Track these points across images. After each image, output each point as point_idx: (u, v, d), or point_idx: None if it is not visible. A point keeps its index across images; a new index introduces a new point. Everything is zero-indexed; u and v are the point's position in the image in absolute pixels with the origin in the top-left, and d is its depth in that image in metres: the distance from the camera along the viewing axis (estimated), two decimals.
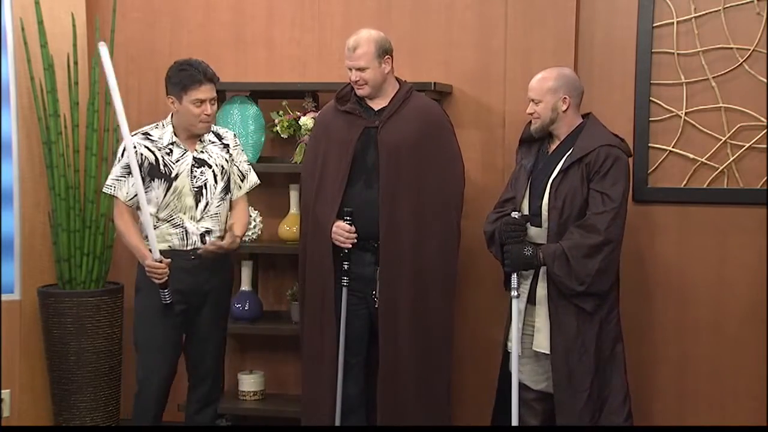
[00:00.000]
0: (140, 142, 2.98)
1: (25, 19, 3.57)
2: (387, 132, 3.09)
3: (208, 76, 2.98)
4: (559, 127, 2.96)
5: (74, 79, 3.65)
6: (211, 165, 3.05)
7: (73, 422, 3.61)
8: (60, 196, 3.61)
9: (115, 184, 2.98)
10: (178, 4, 3.84)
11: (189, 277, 2.97)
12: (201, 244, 3.00)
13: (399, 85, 3.17)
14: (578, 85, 2.98)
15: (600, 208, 2.82)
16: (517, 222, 2.88)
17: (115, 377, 3.70)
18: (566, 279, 2.80)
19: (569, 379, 2.85)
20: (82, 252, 3.66)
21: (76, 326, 3.59)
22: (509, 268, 2.88)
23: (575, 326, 2.84)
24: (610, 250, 2.82)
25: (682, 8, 3.40)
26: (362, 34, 3.09)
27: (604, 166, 2.84)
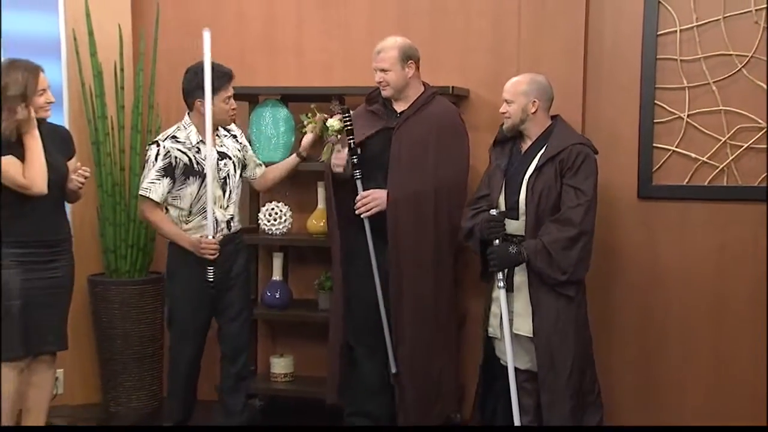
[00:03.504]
0: (172, 145, 3.16)
1: (77, 30, 3.79)
2: (402, 133, 3.24)
3: (230, 77, 3.19)
4: (530, 127, 3.06)
5: (120, 85, 3.84)
6: (231, 156, 3.26)
7: (120, 400, 3.83)
8: (107, 192, 3.81)
9: (151, 187, 3.15)
10: (215, 15, 3.96)
11: (220, 260, 3.15)
12: (228, 230, 3.22)
13: (424, 89, 3.29)
14: (548, 91, 3.08)
15: (574, 202, 2.91)
16: (496, 218, 2.97)
17: (157, 359, 3.90)
18: (549, 271, 2.90)
19: (552, 359, 2.96)
20: (126, 244, 3.85)
21: (122, 312, 3.80)
22: (496, 267, 2.95)
23: (555, 311, 2.96)
24: (586, 241, 2.94)
25: (684, 17, 3.46)
26: (389, 39, 3.27)
27: (575, 162, 2.95)
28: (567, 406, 2.97)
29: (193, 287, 3.18)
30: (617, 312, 3.58)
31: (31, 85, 2.95)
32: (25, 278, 2.99)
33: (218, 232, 3.19)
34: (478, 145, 3.63)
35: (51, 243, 3.06)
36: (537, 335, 2.97)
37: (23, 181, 2.92)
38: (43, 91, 3.01)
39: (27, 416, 3.16)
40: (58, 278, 3.08)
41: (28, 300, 3.00)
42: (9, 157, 2.93)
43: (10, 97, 2.91)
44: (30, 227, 3.01)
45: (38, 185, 2.93)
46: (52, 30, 3.86)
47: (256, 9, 3.95)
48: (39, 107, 2.99)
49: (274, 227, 3.75)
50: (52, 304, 3.07)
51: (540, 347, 2.98)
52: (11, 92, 2.91)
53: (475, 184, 3.65)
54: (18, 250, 2.98)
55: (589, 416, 3.06)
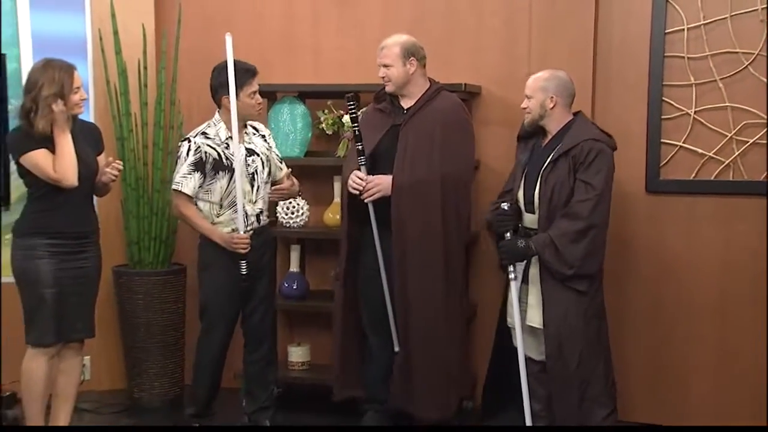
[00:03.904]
0: (203, 141, 3.26)
1: (103, 30, 3.89)
2: (408, 128, 3.28)
3: (254, 72, 3.29)
4: (549, 123, 3.09)
5: (144, 82, 3.93)
6: (258, 153, 3.35)
7: (143, 387, 3.93)
8: (131, 186, 3.90)
9: (182, 181, 3.24)
10: (234, 14, 4.04)
11: (250, 253, 3.24)
12: (257, 223, 3.31)
13: (429, 85, 3.34)
14: (568, 87, 3.09)
15: (583, 196, 2.94)
16: (506, 212, 3.05)
17: (179, 348, 4.00)
18: (557, 265, 2.94)
19: (560, 350, 3.00)
20: (149, 236, 3.93)
21: (145, 302, 3.88)
22: (506, 261, 3.03)
23: (565, 304, 2.99)
24: (595, 235, 2.95)
25: (692, 16, 3.52)
26: (393, 36, 3.31)
27: (588, 157, 2.97)
28: (574, 397, 3.01)
29: (224, 280, 3.28)
30: (624, 303, 3.64)
31: (66, 84, 3.03)
32: (57, 268, 3.09)
33: (249, 225, 3.27)
34: (489, 141, 3.74)
35: (80, 235, 3.16)
36: (547, 326, 3.01)
37: (54, 174, 3.02)
38: (77, 89, 3.08)
39: (56, 401, 3.27)
40: (86, 268, 3.18)
41: (61, 290, 3.10)
42: (42, 150, 3.02)
43: (47, 95, 2.99)
44: (61, 219, 3.09)
45: (69, 178, 3.02)
46: (79, 30, 3.98)
47: (274, 8, 4.04)
48: (73, 104, 3.08)
49: (292, 220, 3.86)
50: (80, 294, 3.17)
51: (549, 338, 3.02)
52: (48, 90, 2.99)
53: (483, 178, 3.78)
54: (50, 240, 3.08)
55: (598, 408, 3.06)
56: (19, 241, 3.12)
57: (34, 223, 3.11)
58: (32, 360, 3.13)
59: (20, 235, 3.12)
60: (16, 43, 3.88)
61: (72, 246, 3.13)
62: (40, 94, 2.99)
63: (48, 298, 3.08)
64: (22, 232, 3.12)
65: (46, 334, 3.10)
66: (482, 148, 3.78)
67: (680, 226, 3.61)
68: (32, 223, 3.11)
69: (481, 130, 3.76)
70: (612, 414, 3.09)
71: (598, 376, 3.06)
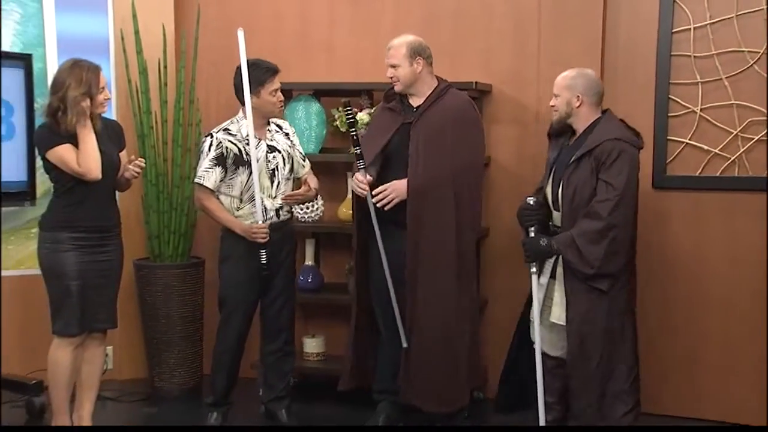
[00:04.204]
0: (224, 137, 3.36)
1: (125, 30, 3.99)
2: (419, 126, 3.31)
3: (275, 71, 3.38)
4: (576, 121, 3.09)
5: (164, 81, 4.01)
6: (280, 150, 3.43)
7: (163, 376, 4.02)
8: (151, 182, 3.98)
9: (204, 175, 3.34)
10: (251, 15, 4.11)
11: (269, 245, 3.32)
12: (276, 218, 3.40)
13: (437, 84, 3.37)
14: (595, 86, 3.07)
15: (603, 196, 2.93)
16: (532, 207, 3.07)
17: (197, 338, 4.09)
18: (578, 264, 2.94)
19: (581, 348, 3.00)
20: (169, 230, 4.01)
21: (165, 294, 3.96)
22: (530, 259, 3.04)
23: (587, 302, 2.99)
24: (615, 235, 2.92)
25: (698, 15, 3.56)
26: (399, 37, 3.34)
27: (609, 157, 2.95)
28: (594, 393, 3.01)
29: (243, 272, 3.38)
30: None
31: (93, 83, 3.10)
32: (81, 261, 3.16)
33: (268, 219, 3.36)
34: (500, 138, 3.80)
35: (103, 229, 3.23)
36: (569, 323, 3.01)
37: (78, 168, 3.08)
38: (102, 89, 3.16)
39: (80, 389, 3.35)
40: (109, 261, 3.25)
41: (85, 282, 3.18)
42: (67, 145, 3.08)
43: (75, 95, 3.06)
44: (85, 214, 3.17)
45: (93, 171, 3.08)
46: (102, 31, 4.09)
47: (290, 9, 4.13)
48: (98, 104, 3.16)
49: (307, 215, 3.95)
50: (103, 286, 3.25)
51: (571, 335, 3.02)
52: (76, 90, 3.06)
53: (493, 176, 3.83)
54: (74, 234, 3.15)
55: (620, 405, 3.03)
56: (46, 234, 3.20)
57: (59, 217, 3.18)
58: (58, 349, 3.22)
59: (46, 229, 3.21)
60: (41, 44, 4.00)
61: (95, 240, 3.20)
62: (67, 93, 3.07)
63: (73, 289, 3.16)
64: (48, 226, 3.20)
65: (71, 325, 3.19)
66: (492, 146, 3.84)
67: (686, 221, 3.66)
68: (58, 218, 3.19)
69: (491, 128, 3.83)
70: (633, 410, 3.05)
71: (621, 373, 3.04)
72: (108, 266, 3.25)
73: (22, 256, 4.05)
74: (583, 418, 3.04)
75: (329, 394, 3.84)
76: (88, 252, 3.18)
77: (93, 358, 3.33)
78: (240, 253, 3.38)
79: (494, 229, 3.89)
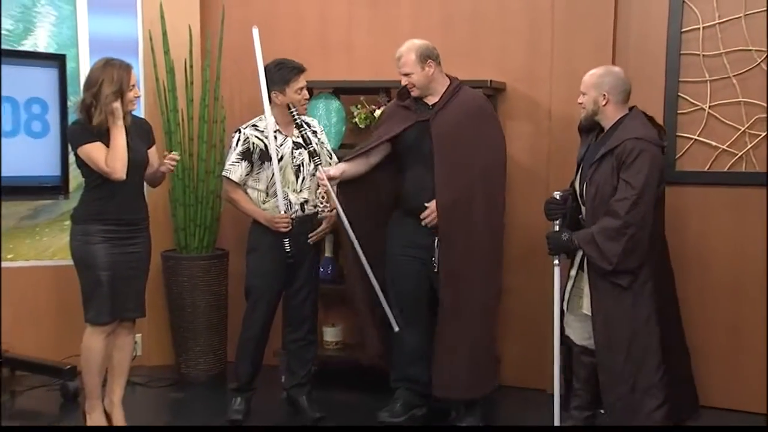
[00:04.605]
0: (252, 132, 3.48)
1: (153, 31, 4.12)
2: (438, 122, 3.36)
3: (301, 69, 3.45)
4: (603, 118, 3.10)
5: (190, 80, 4.13)
6: (306, 147, 3.51)
7: (190, 363, 4.16)
8: (177, 176, 4.08)
9: (231, 168, 3.47)
10: (274, 16, 4.23)
11: (293, 238, 3.43)
12: (301, 212, 3.51)
13: (450, 82, 3.43)
14: (621, 85, 3.07)
15: (622, 194, 2.94)
16: (557, 201, 3.13)
17: (222, 327, 4.22)
18: (597, 260, 2.97)
19: (608, 343, 3.01)
20: (195, 223, 4.13)
21: (191, 284, 4.09)
22: (552, 252, 3.11)
23: (612, 297, 3.00)
24: (633, 233, 2.93)
25: (707, 15, 3.62)
26: (405, 45, 3.37)
27: (630, 156, 2.96)
28: (624, 388, 3.01)
29: (268, 262, 3.50)
30: None
31: (125, 82, 3.18)
32: (111, 252, 3.25)
33: (293, 213, 3.48)
34: (514, 134, 3.87)
35: (132, 222, 3.31)
36: (594, 318, 3.04)
37: (105, 167, 3.15)
38: (133, 86, 3.22)
39: (112, 375, 3.42)
40: (138, 253, 3.33)
41: (115, 272, 3.26)
42: (97, 144, 3.17)
43: (107, 94, 3.14)
44: (114, 208, 3.25)
45: (118, 171, 3.16)
46: (132, 31, 4.24)
47: (311, 10, 4.24)
48: (129, 101, 3.22)
49: (326, 209, 4.03)
50: (132, 277, 3.32)
51: (597, 330, 3.03)
52: (108, 88, 3.14)
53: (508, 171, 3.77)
54: (104, 227, 3.24)
55: (649, 399, 3.01)
56: (77, 227, 3.28)
57: (90, 211, 3.26)
58: (90, 337, 3.31)
59: (78, 222, 3.29)
60: (74, 44, 4.16)
61: (124, 232, 3.28)
62: (100, 90, 3.15)
63: (103, 280, 3.23)
64: (80, 220, 3.28)
65: (102, 314, 3.27)
66: (507, 142, 3.81)
67: (695, 215, 3.72)
68: (88, 211, 3.27)
69: (505, 124, 3.89)
70: (664, 404, 3.02)
71: (650, 367, 3.02)
72: (137, 258, 3.33)
73: (56, 247, 4.22)
74: (613, 412, 3.06)
75: (348, 381, 3.97)
76: (117, 244, 3.27)
77: (123, 346, 3.42)
78: (266, 244, 3.50)
79: (508, 224, 3.86)
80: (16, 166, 3.86)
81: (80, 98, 3.25)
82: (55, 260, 4.21)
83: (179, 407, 3.89)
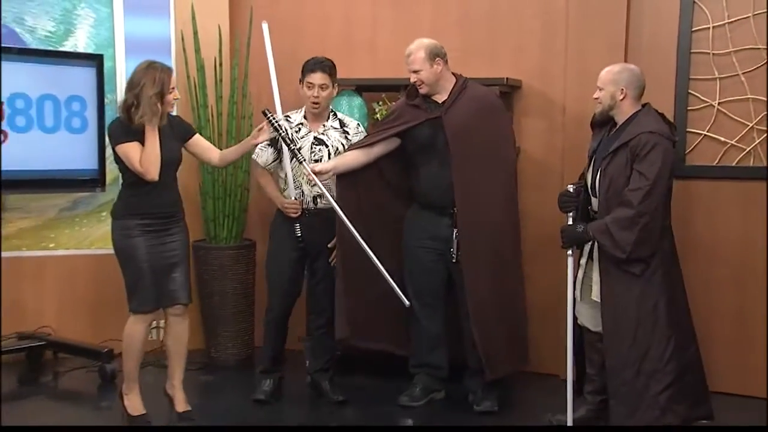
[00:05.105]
0: (281, 123, 3.60)
1: (185, 31, 4.28)
2: (451, 118, 3.45)
3: (319, 66, 3.55)
4: (618, 114, 3.18)
5: (219, 77, 4.25)
6: (328, 145, 3.62)
7: (219, 347, 4.32)
8: (207, 170, 4.21)
9: (259, 152, 3.65)
10: (300, 16, 4.36)
11: (306, 228, 3.61)
12: (313, 205, 3.63)
13: (456, 79, 3.51)
14: (637, 81, 3.15)
15: (636, 185, 3.03)
16: (570, 194, 3.23)
17: (249, 314, 4.37)
18: (611, 249, 3.05)
19: (616, 328, 3.10)
20: (224, 215, 4.25)
21: (220, 273, 4.22)
22: (566, 244, 3.18)
23: (621, 284, 3.09)
24: (645, 222, 3.01)
25: (717, 15, 3.70)
26: (414, 43, 3.46)
27: (644, 149, 3.04)
28: (630, 372, 3.08)
29: (284, 246, 3.67)
30: None
31: (166, 84, 3.29)
32: (150, 244, 3.36)
33: (306, 204, 3.63)
34: (529, 130, 3.98)
35: (168, 215, 3.42)
36: (603, 304, 3.12)
37: (139, 167, 3.26)
38: (173, 89, 3.33)
39: (171, 360, 3.55)
40: (175, 242, 3.43)
41: (155, 263, 3.36)
42: (134, 144, 3.27)
43: (150, 95, 3.24)
44: (150, 202, 3.35)
45: (151, 173, 3.27)
46: (164, 32, 4.40)
47: (336, 11, 4.37)
48: (168, 102, 3.33)
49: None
50: (174, 265, 3.42)
51: (606, 316, 3.11)
52: (150, 90, 3.24)
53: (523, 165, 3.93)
54: (142, 221, 3.35)
55: (654, 384, 3.08)
56: (117, 222, 3.39)
57: (128, 206, 3.37)
58: (134, 325, 3.42)
59: (117, 217, 3.40)
60: (111, 45, 4.34)
61: (161, 225, 3.38)
62: (142, 92, 3.24)
63: (145, 271, 3.33)
64: (119, 215, 3.40)
65: (145, 303, 3.37)
66: (521, 137, 4.04)
67: (704, 208, 3.80)
68: (126, 206, 3.38)
69: (520, 121, 4.04)
70: (669, 388, 3.08)
71: (655, 353, 3.08)
72: (175, 248, 3.43)
73: (94, 237, 4.42)
74: (619, 395, 3.14)
75: (369, 367, 4.09)
76: (155, 236, 3.37)
77: (178, 334, 3.52)
78: (283, 232, 3.67)
79: (523, 215, 3.98)
80: (56, 160, 4.07)
81: (123, 98, 3.34)
82: (92, 249, 4.41)
83: (209, 389, 4.05)
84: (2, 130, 3.98)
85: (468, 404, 3.68)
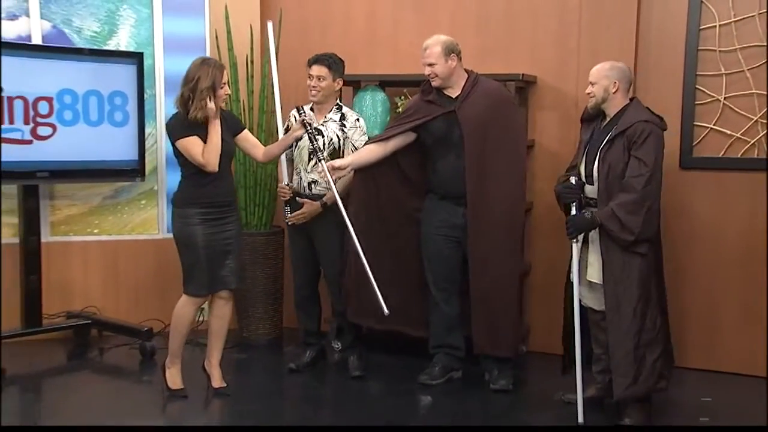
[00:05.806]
0: (295, 113, 3.78)
1: (218, 30, 4.49)
2: (465, 112, 3.58)
3: (319, 60, 3.73)
4: (609, 106, 3.33)
5: (250, 74, 4.42)
6: (324, 135, 3.78)
7: (250, 328, 4.51)
8: (239, 161, 4.37)
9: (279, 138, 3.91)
10: (326, 16, 4.53)
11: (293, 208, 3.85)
12: (308, 190, 3.85)
13: (468, 75, 3.64)
14: (627, 76, 3.32)
15: (637, 171, 3.17)
16: (573, 186, 3.33)
17: (278, 297, 4.58)
18: (619, 233, 3.18)
19: (617, 304, 3.25)
20: (254, 203, 4.43)
21: (251, 258, 4.37)
22: (572, 235, 3.29)
23: (621, 262, 3.24)
24: (649, 205, 3.18)
25: (723, 14, 3.82)
26: (431, 38, 3.59)
27: (641, 137, 3.18)
28: (630, 344, 3.23)
29: (293, 229, 3.96)
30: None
31: (218, 80, 3.40)
32: (208, 232, 3.50)
33: (302, 189, 3.86)
34: (544, 123, 4.13)
35: (224, 203, 3.55)
36: (606, 283, 3.26)
37: (201, 160, 3.40)
38: (224, 85, 3.44)
39: (211, 340, 3.71)
40: (230, 231, 3.58)
41: (211, 250, 3.50)
42: (194, 138, 3.41)
43: (202, 89, 3.37)
44: (208, 192, 3.50)
45: (212, 165, 3.42)
46: (200, 31, 4.62)
47: (360, 11, 4.54)
48: (220, 98, 3.44)
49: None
50: (229, 252, 3.57)
51: (608, 293, 3.25)
52: (204, 84, 3.36)
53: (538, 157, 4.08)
54: (200, 210, 3.48)
55: (650, 354, 3.25)
56: (177, 211, 3.53)
57: (187, 196, 3.51)
58: (185, 306, 3.58)
59: (178, 205, 3.54)
60: (151, 43, 4.58)
61: (217, 213, 3.51)
62: (197, 85, 3.37)
63: (202, 257, 3.48)
64: (179, 204, 3.53)
65: (200, 288, 3.54)
66: (536, 130, 4.19)
67: (710, 198, 3.92)
68: (186, 196, 3.52)
69: (536, 114, 4.19)
70: (661, 357, 3.29)
71: (650, 323, 3.26)
72: (230, 235, 3.57)
73: (134, 223, 4.67)
74: (621, 368, 3.28)
75: (389, 346, 4.28)
76: (212, 225, 3.50)
77: (222, 314, 3.67)
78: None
79: (537, 204, 4.22)
80: (99, 152, 4.32)
81: (179, 92, 3.47)
82: (133, 235, 4.66)
83: (241, 366, 4.25)
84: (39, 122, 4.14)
85: (485, 383, 3.82)
